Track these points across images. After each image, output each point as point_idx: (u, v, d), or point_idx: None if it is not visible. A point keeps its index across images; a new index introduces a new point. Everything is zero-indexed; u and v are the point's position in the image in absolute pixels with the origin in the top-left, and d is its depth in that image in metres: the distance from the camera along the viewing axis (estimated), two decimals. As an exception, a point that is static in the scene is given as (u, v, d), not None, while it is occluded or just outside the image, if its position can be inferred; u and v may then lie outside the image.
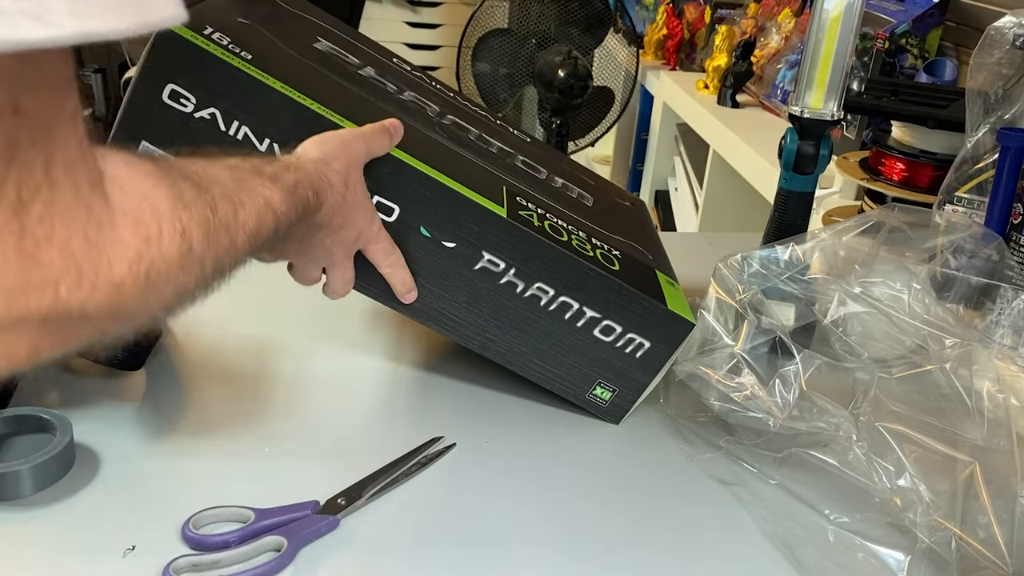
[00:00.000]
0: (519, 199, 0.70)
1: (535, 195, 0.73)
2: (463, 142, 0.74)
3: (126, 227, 0.40)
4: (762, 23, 1.94)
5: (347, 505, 0.61)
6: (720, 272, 0.73)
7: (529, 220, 0.68)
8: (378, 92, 0.72)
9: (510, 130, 0.86)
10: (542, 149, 0.88)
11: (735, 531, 0.62)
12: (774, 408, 0.64)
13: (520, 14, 2.02)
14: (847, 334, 0.66)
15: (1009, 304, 0.72)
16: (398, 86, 0.76)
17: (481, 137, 0.78)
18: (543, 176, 0.80)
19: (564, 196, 0.78)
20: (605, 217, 0.79)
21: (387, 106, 0.70)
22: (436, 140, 0.71)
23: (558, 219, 0.71)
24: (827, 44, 0.75)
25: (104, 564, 0.56)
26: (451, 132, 0.74)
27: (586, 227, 0.74)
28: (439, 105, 0.79)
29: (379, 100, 0.71)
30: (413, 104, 0.74)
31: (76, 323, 0.39)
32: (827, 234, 0.73)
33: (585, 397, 0.72)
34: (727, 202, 1.83)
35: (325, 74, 0.68)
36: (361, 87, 0.71)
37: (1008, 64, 0.85)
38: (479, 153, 0.74)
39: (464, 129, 0.77)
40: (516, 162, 0.78)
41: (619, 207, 0.86)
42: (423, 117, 0.73)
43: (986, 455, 0.59)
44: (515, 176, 0.75)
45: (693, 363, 0.69)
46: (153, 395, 0.73)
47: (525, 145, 0.85)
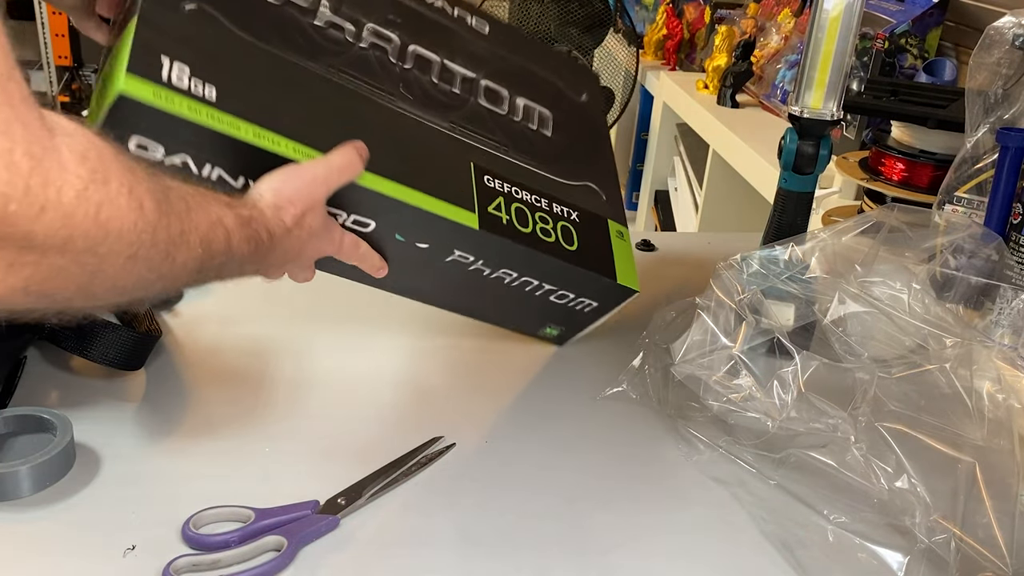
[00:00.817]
0: (487, 179, 0.74)
1: (501, 161, 0.77)
2: (426, 97, 0.74)
3: (72, 157, 0.40)
4: (762, 23, 1.94)
5: (347, 505, 0.61)
6: (719, 273, 0.73)
7: (497, 219, 0.72)
8: (337, 52, 0.70)
9: (469, 22, 0.82)
10: (500, 43, 0.84)
11: (734, 531, 0.62)
12: (772, 409, 0.64)
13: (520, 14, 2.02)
14: (847, 334, 0.66)
15: (1009, 304, 0.72)
16: (355, 20, 0.72)
17: (444, 69, 0.77)
18: (504, 111, 0.80)
19: (526, 137, 0.81)
20: (565, 151, 0.83)
21: (349, 75, 0.69)
22: (399, 117, 0.71)
23: (523, 192, 0.76)
24: (827, 44, 0.75)
25: (104, 564, 0.56)
26: (413, 83, 0.74)
27: (548, 187, 0.80)
28: (400, 30, 0.75)
29: (341, 72, 0.68)
30: (373, 52, 0.72)
31: (26, 252, 0.39)
32: (827, 234, 0.73)
33: (536, 334, 0.85)
34: (727, 202, 1.83)
35: (286, 66, 0.66)
36: (320, 56, 0.68)
37: (1008, 64, 0.85)
38: (444, 108, 0.75)
39: (427, 66, 0.75)
40: (480, 99, 0.78)
41: (576, 122, 0.87)
42: (384, 71, 0.72)
43: (986, 455, 0.59)
44: (480, 130, 0.77)
45: (692, 364, 0.69)
46: (153, 395, 0.73)
47: (485, 52, 0.81)
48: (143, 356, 0.75)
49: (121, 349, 0.73)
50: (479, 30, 0.81)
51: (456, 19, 0.80)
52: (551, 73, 0.87)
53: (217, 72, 0.61)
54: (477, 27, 0.81)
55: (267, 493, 0.62)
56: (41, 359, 0.77)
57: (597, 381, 0.78)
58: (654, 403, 0.75)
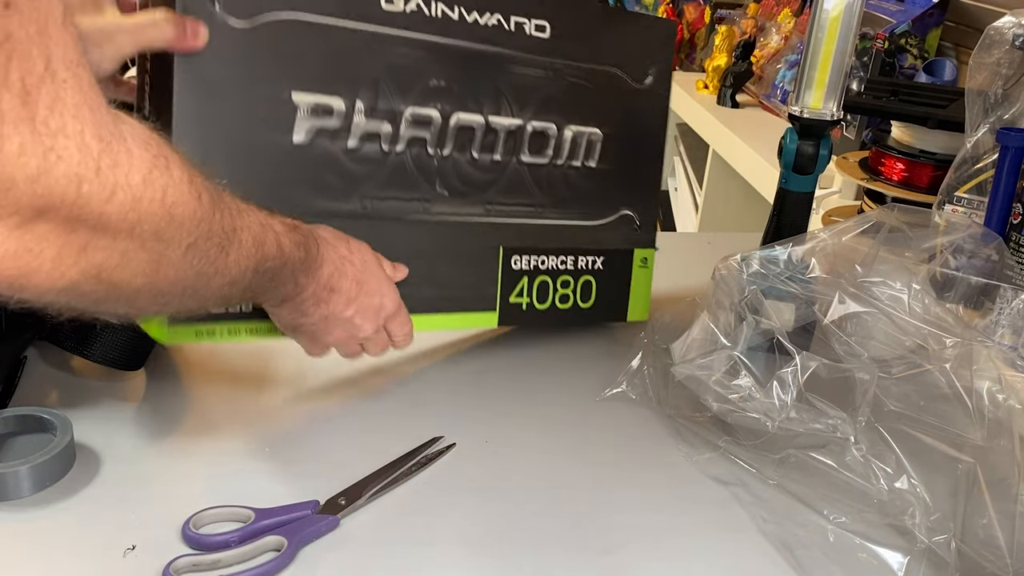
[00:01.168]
0: (514, 261, 0.78)
1: (533, 229, 0.79)
2: (464, 183, 0.74)
3: (136, 143, 0.41)
4: (762, 23, 1.94)
5: (347, 505, 0.61)
6: (719, 273, 0.73)
7: (517, 307, 0.80)
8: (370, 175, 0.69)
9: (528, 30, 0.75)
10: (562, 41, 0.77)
11: (734, 531, 0.62)
12: (771, 410, 0.64)
13: (520, 14, 2.02)
14: (847, 334, 0.65)
15: (1009, 304, 0.72)
16: (392, 112, 0.69)
17: (488, 131, 0.74)
18: (547, 158, 0.78)
19: (566, 182, 0.80)
20: (608, 179, 0.82)
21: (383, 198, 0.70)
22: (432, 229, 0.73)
23: (550, 259, 0.80)
24: (827, 44, 0.75)
25: (104, 564, 0.56)
26: (450, 173, 0.73)
27: (578, 238, 0.82)
28: (442, 97, 0.71)
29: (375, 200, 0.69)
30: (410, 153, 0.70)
31: (99, 234, 0.40)
32: (827, 234, 0.73)
33: None
34: (727, 202, 1.83)
35: None
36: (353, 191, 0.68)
37: (1008, 64, 0.85)
38: (481, 189, 0.75)
39: (468, 139, 0.73)
40: (522, 155, 0.76)
41: (629, 125, 0.83)
42: (422, 172, 0.71)
43: (986, 455, 0.59)
44: (516, 199, 0.77)
45: (691, 365, 0.69)
46: (153, 395, 0.73)
47: (540, 71, 0.76)
48: (143, 356, 0.75)
49: (121, 349, 0.73)
50: (538, 36, 0.75)
51: (513, 32, 0.74)
52: (616, 56, 0.80)
53: None
54: (536, 33, 0.75)
55: (267, 493, 0.62)
56: (41, 359, 0.77)
57: (597, 381, 0.78)
58: (654, 403, 0.75)
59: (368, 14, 0.65)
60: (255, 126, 0.63)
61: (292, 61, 0.63)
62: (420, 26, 0.68)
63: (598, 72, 0.79)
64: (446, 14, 0.69)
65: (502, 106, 0.74)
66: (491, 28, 0.72)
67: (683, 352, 0.72)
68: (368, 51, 0.66)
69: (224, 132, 0.61)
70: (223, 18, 0.59)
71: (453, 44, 0.70)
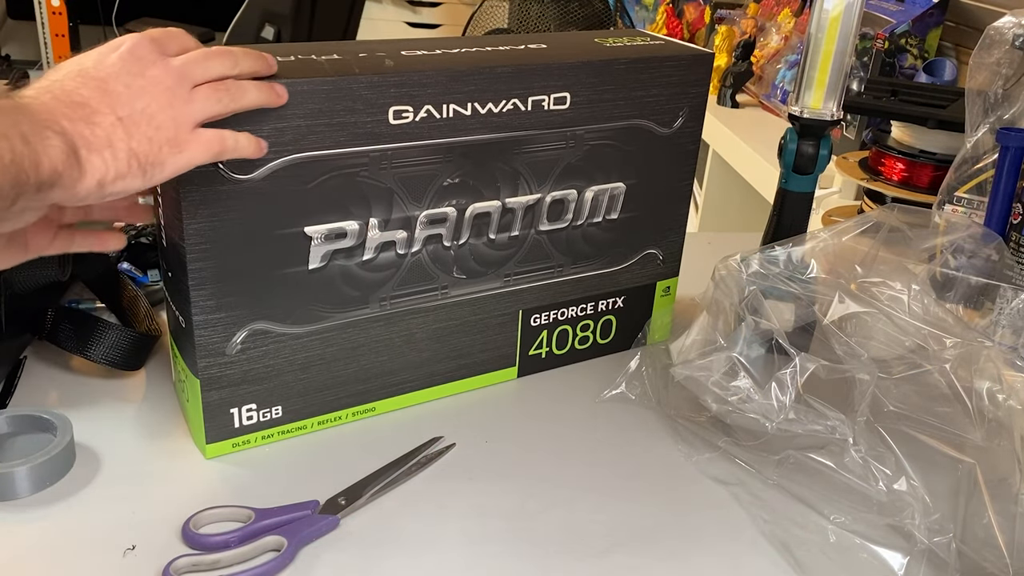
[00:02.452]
0: (533, 320, 0.77)
1: (553, 287, 0.76)
2: (482, 264, 0.71)
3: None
4: (762, 23, 1.94)
5: (347, 505, 0.61)
6: (719, 273, 0.73)
7: (536, 357, 0.78)
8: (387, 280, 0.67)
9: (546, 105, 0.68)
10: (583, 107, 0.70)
11: (734, 531, 0.62)
12: (770, 411, 0.64)
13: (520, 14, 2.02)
14: (847, 334, 0.65)
15: (1009, 304, 0.72)
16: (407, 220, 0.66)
17: (504, 212, 0.70)
18: (567, 222, 0.74)
19: (587, 238, 0.76)
20: (632, 224, 0.78)
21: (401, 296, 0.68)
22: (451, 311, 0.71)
23: (570, 309, 0.78)
24: (827, 44, 0.75)
25: (104, 564, 0.56)
26: (467, 257, 0.70)
27: (599, 283, 0.79)
28: (458, 193, 0.67)
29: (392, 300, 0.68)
30: (426, 250, 0.68)
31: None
32: (827, 234, 0.73)
33: None
34: (727, 202, 1.83)
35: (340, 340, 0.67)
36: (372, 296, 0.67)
37: (1008, 64, 0.85)
38: (499, 264, 0.72)
39: (485, 224, 0.70)
40: (541, 226, 0.72)
41: (654, 172, 0.77)
42: (438, 264, 0.69)
43: (986, 455, 0.59)
44: (535, 264, 0.74)
45: (691, 365, 0.69)
46: (153, 395, 0.73)
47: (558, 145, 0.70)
48: (143, 356, 0.75)
49: (121, 349, 0.73)
50: (558, 109, 0.69)
51: (529, 112, 0.68)
52: (644, 107, 0.74)
53: (277, 392, 0.66)
54: (556, 106, 0.69)
55: (267, 493, 0.62)
56: (41, 359, 0.77)
57: (596, 382, 0.78)
58: (653, 404, 0.75)
59: (377, 133, 0.62)
60: (270, 266, 0.62)
61: (303, 198, 0.61)
62: (431, 132, 0.64)
63: (622, 129, 0.73)
64: (458, 112, 0.65)
65: (519, 186, 0.70)
66: (506, 114, 0.67)
67: (683, 352, 0.72)
68: (379, 169, 0.63)
69: (238, 273, 0.61)
70: (228, 175, 0.58)
71: (466, 141, 0.66)
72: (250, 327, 0.63)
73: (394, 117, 0.62)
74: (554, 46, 0.72)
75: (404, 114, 0.62)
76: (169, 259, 0.63)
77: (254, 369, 0.65)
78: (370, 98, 0.61)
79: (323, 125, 0.60)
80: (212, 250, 0.59)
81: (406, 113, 0.62)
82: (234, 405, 0.65)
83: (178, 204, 0.57)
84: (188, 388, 0.65)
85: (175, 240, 0.60)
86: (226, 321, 0.62)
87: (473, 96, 0.65)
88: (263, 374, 0.65)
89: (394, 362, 0.71)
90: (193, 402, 0.65)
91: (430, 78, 0.63)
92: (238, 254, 0.60)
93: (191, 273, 0.59)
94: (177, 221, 0.58)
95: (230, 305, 0.62)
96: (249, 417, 0.66)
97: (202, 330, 0.61)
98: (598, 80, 0.70)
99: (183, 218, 0.57)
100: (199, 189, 0.57)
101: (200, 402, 0.64)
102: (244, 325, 0.63)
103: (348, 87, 0.60)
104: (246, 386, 0.65)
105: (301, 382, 0.67)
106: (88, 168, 0.48)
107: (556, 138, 0.70)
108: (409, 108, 0.62)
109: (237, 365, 0.64)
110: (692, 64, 0.75)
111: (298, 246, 0.62)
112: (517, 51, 0.70)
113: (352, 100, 0.60)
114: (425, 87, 0.63)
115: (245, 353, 0.64)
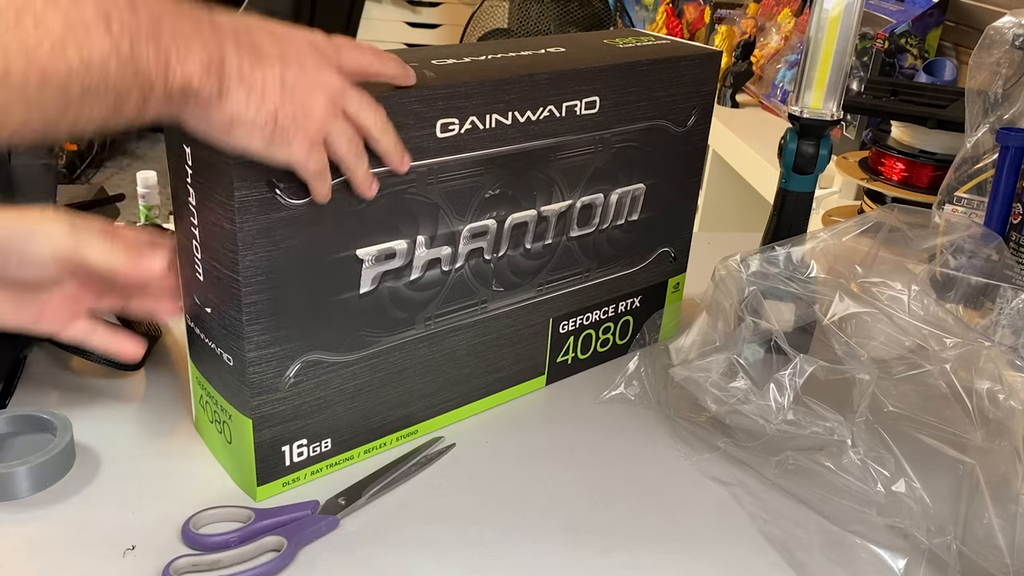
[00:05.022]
0: (562, 327, 0.77)
1: (580, 293, 0.77)
2: (518, 275, 0.71)
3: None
4: (762, 23, 1.94)
5: (347, 505, 0.61)
6: (719, 274, 0.73)
7: (564, 364, 0.79)
8: (432, 299, 0.67)
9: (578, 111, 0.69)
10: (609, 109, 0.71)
11: (733, 531, 0.62)
12: (768, 412, 0.64)
13: (520, 14, 2.02)
14: (847, 335, 0.65)
15: (1009, 304, 0.72)
16: (452, 235, 0.66)
17: (539, 221, 0.71)
18: (594, 227, 0.75)
19: (612, 241, 0.77)
20: (650, 225, 0.79)
21: (445, 314, 0.68)
22: (489, 324, 0.71)
23: (594, 313, 0.79)
24: (827, 44, 0.75)
25: (104, 564, 0.56)
26: (505, 270, 0.70)
27: (619, 285, 0.80)
28: (497, 204, 0.67)
29: (436, 319, 0.68)
30: (468, 265, 0.68)
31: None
32: (827, 234, 0.73)
33: None
34: (727, 202, 1.83)
35: (388, 364, 0.66)
36: (418, 316, 0.66)
37: (1008, 64, 0.85)
38: (533, 274, 0.72)
39: (522, 234, 0.70)
40: (572, 232, 0.73)
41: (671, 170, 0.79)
42: (479, 279, 0.69)
43: (986, 456, 0.59)
44: (566, 271, 0.75)
45: (690, 366, 0.69)
46: (153, 395, 0.73)
47: (587, 149, 0.71)
48: (143, 356, 0.75)
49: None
50: (589, 113, 0.69)
51: (564, 118, 0.68)
52: (662, 108, 0.75)
53: (327, 424, 0.64)
54: (586, 111, 0.69)
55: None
56: (41, 359, 0.77)
57: (596, 383, 0.78)
58: (653, 404, 0.75)
59: (424, 148, 0.61)
60: (323, 293, 0.60)
61: (355, 220, 0.60)
62: (474, 144, 0.63)
63: (643, 130, 0.74)
64: (500, 122, 0.64)
65: (553, 194, 0.70)
66: (543, 121, 0.67)
67: (682, 353, 0.72)
68: (426, 185, 0.62)
69: (293, 304, 0.59)
70: (285, 201, 0.56)
71: (506, 151, 0.66)
72: (303, 359, 0.61)
73: (441, 130, 0.61)
74: (573, 49, 0.72)
75: (451, 127, 0.62)
76: (210, 295, 0.60)
77: (306, 403, 0.62)
78: (420, 112, 0.60)
79: None
80: (268, 281, 0.57)
81: (452, 126, 0.62)
82: (285, 443, 0.62)
83: (233, 235, 0.55)
84: (231, 429, 0.62)
85: (223, 274, 0.57)
86: (280, 355, 0.59)
87: (513, 105, 0.64)
88: (314, 407, 0.63)
89: (436, 382, 0.70)
90: (239, 443, 0.62)
91: (475, 89, 0.62)
92: (293, 283, 0.58)
93: (246, 308, 0.56)
94: (229, 254, 0.56)
95: (285, 338, 0.59)
96: (300, 453, 0.63)
97: (256, 367, 0.59)
98: (624, 83, 0.71)
99: (239, 250, 0.55)
100: (256, 218, 0.55)
101: (252, 443, 0.60)
102: (298, 358, 0.60)
103: (400, 102, 0.58)
104: (297, 421, 0.62)
105: (350, 411, 0.65)
106: (229, 98, 0.48)
107: (587, 143, 0.70)
108: (455, 120, 0.62)
109: (289, 400, 0.61)
110: (704, 62, 0.76)
111: (351, 270, 0.61)
112: (545, 56, 0.69)
113: (404, 115, 0.59)
114: (470, 98, 0.62)
115: (298, 387, 0.61)
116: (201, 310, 0.61)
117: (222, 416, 0.63)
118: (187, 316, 0.64)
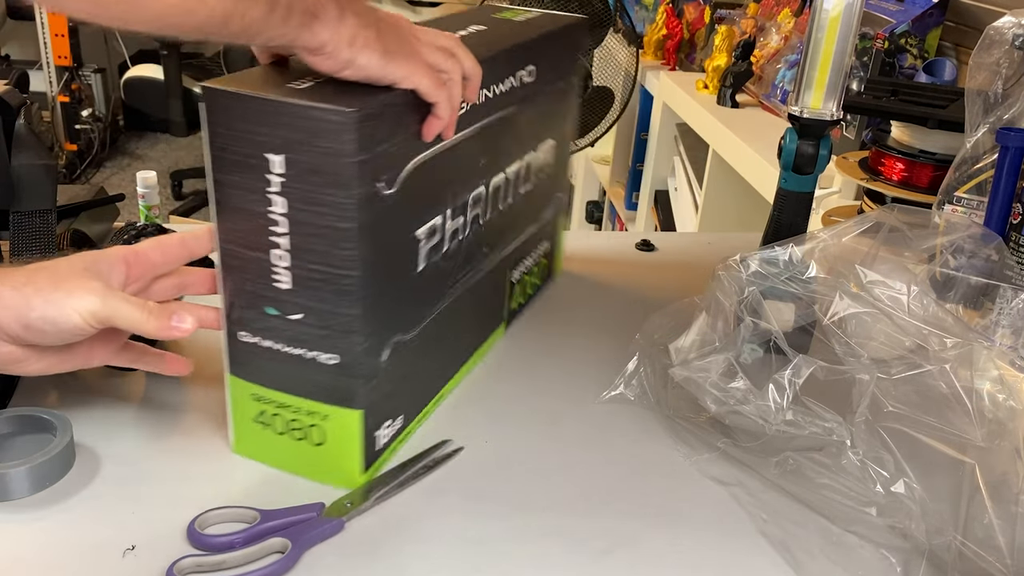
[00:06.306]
0: (512, 279, 0.85)
1: (520, 248, 0.86)
2: (497, 237, 0.79)
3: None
4: (762, 23, 1.94)
5: (352, 507, 0.61)
6: (718, 273, 0.73)
7: (515, 311, 0.88)
8: (454, 268, 0.71)
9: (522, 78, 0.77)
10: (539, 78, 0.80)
11: (733, 531, 0.62)
12: (767, 413, 0.64)
13: (519, 14, 2.01)
14: (847, 335, 0.65)
15: (1009, 304, 0.72)
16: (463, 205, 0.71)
17: (507, 190, 0.78)
18: (526, 188, 0.83)
19: (532, 202, 0.86)
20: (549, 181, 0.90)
21: (458, 282, 0.72)
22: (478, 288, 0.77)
23: (527, 262, 0.89)
24: (827, 44, 0.75)
25: (104, 565, 0.56)
26: (492, 232, 0.77)
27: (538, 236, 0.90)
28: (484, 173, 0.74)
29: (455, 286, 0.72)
30: (473, 229, 0.72)
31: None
32: (827, 234, 0.73)
33: None
34: (727, 202, 1.83)
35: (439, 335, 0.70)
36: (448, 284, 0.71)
37: (1008, 64, 0.85)
38: (504, 232, 0.81)
39: (498, 199, 0.77)
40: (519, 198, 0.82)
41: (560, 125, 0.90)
42: (478, 242, 0.74)
43: (986, 456, 0.59)
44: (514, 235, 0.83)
45: (690, 366, 0.69)
46: (153, 395, 0.73)
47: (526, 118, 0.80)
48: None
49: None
50: (528, 81, 0.78)
51: (517, 87, 0.76)
52: (562, 71, 0.87)
53: (404, 401, 0.68)
54: (527, 79, 0.77)
55: (272, 494, 0.62)
56: (41, 359, 0.76)
57: (595, 384, 0.78)
58: (652, 404, 0.75)
59: None
60: (401, 276, 0.63)
61: (416, 202, 0.63)
62: (472, 117, 0.69)
63: (555, 91, 0.86)
64: (486, 96, 0.70)
65: (514, 157, 0.79)
66: (506, 92, 0.74)
67: (682, 353, 0.72)
68: (453, 159, 0.67)
69: (386, 292, 0.61)
70: (382, 192, 0.58)
71: (487, 121, 0.72)
72: (393, 342, 0.63)
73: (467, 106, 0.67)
74: (490, 26, 0.80)
75: (462, 104, 0.66)
76: (300, 300, 0.59)
77: (392, 385, 0.64)
78: None
79: None
80: (373, 273, 0.58)
81: (463, 103, 0.66)
82: (377, 427, 0.64)
83: (351, 233, 0.55)
84: (325, 430, 0.62)
85: (331, 274, 0.57)
86: (378, 344, 0.62)
87: (492, 79, 0.71)
88: (396, 388, 0.65)
89: (453, 346, 0.75)
90: (337, 440, 0.62)
91: (487, 65, 0.67)
92: (383, 270, 0.60)
93: (363, 302, 0.58)
94: (343, 252, 0.56)
95: (384, 326, 0.62)
96: (386, 435, 0.65)
97: (367, 357, 0.60)
98: (550, 50, 0.82)
99: (358, 246, 0.56)
100: (367, 213, 0.56)
101: (359, 434, 0.61)
102: (389, 340, 0.63)
103: None
104: (384, 403, 0.64)
105: (414, 386, 0.69)
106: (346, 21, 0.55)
107: (529, 107, 0.79)
108: None
109: (383, 385, 0.63)
110: (583, 28, 0.91)
111: (413, 250, 0.64)
112: (487, 34, 0.77)
113: None
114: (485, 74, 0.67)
115: (389, 370, 0.63)
116: (280, 320, 0.60)
117: (308, 421, 0.62)
118: (242, 336, 0.62)
